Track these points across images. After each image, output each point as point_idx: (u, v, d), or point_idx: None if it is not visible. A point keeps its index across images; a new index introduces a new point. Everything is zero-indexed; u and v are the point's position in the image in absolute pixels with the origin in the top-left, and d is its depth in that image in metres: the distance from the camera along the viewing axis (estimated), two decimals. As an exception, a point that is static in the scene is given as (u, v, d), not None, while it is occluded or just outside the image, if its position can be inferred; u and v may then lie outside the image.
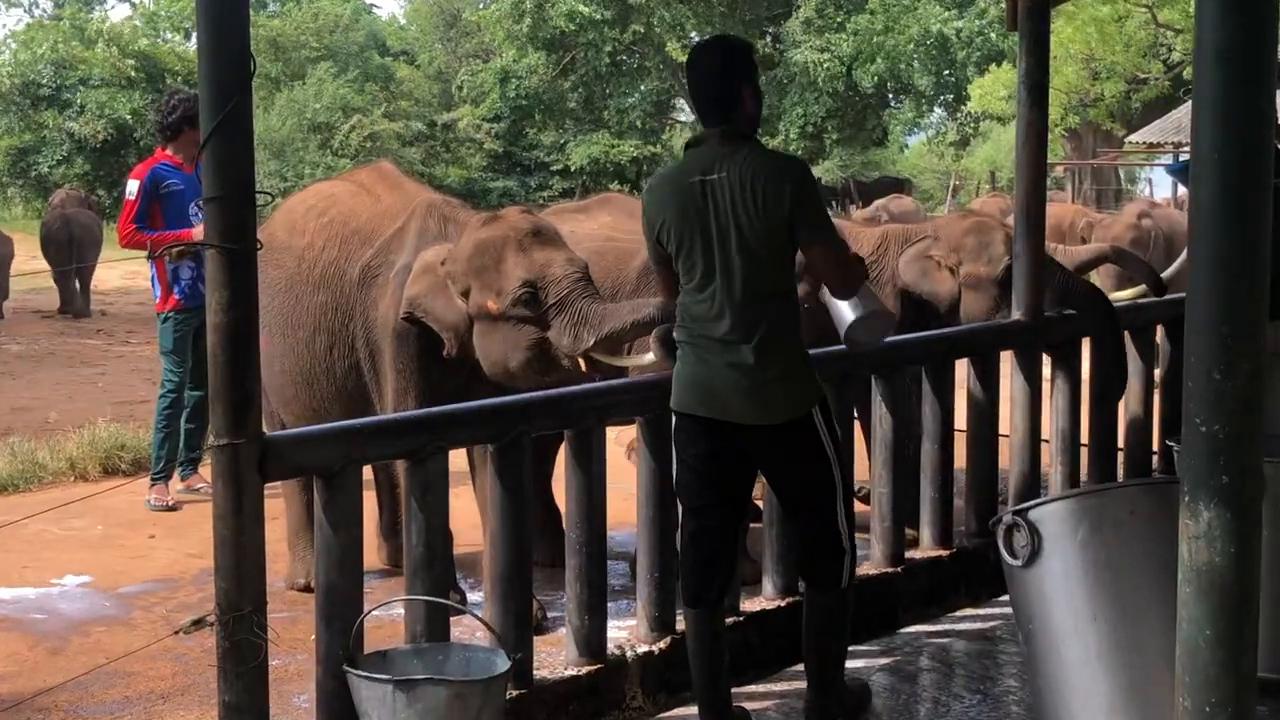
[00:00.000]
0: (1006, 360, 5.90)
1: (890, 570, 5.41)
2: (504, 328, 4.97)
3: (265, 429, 3.62)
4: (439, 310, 5.06)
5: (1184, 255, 7.38)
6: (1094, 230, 12.26)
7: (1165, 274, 7.11)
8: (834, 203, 32.03)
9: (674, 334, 4.20)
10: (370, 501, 4.81)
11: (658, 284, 4.44)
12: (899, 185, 32.39)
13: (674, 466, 4.30)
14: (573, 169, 34.63)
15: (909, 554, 5.54)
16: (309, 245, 5.60)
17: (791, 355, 4.09)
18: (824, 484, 4.16)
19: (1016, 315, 5.84)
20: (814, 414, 4.12)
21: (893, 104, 37.33)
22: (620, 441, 6.62)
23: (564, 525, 4.65)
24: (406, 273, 5.16)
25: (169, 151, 7.36)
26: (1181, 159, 23.65)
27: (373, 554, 5.64)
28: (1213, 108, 2.65)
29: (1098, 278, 10.24)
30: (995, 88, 28.96)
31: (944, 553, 5.62)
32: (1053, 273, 5.99)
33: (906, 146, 48.58)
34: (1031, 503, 4.08)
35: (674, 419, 4.22)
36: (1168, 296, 6.58)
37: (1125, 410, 6.38)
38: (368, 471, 4.56)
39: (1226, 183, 2.65)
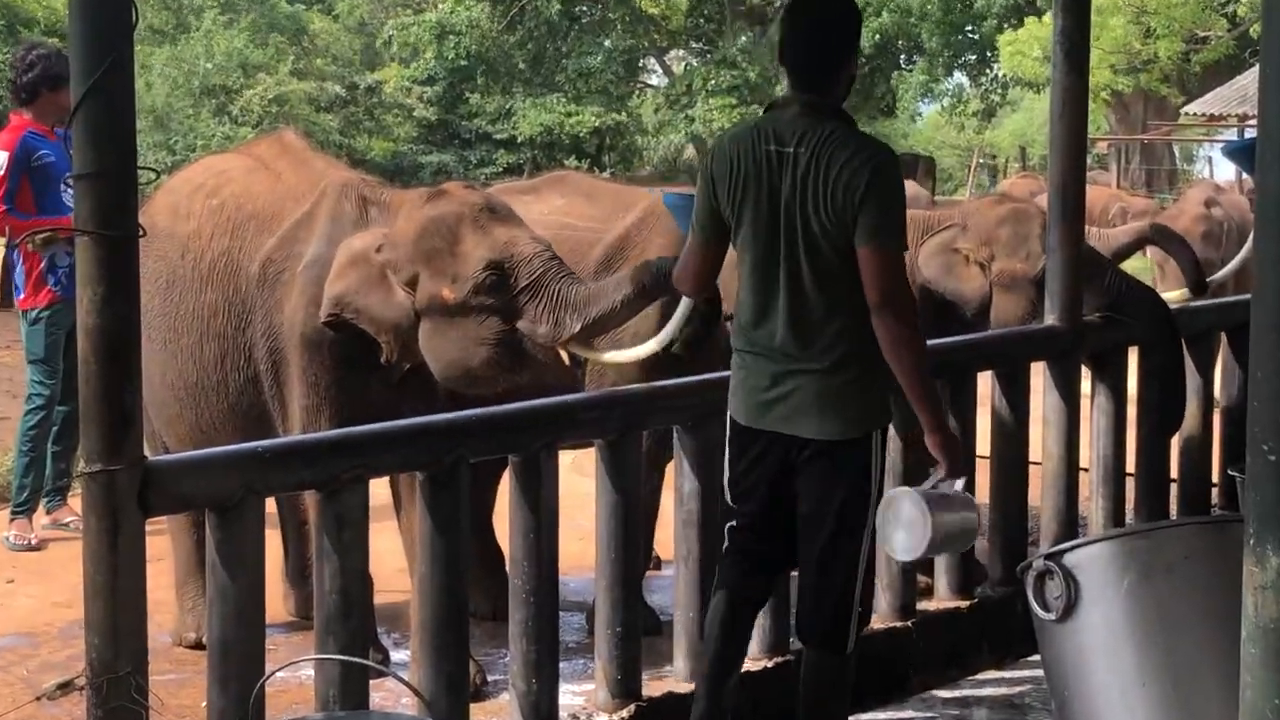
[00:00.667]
0: (1038, 373, 5.93)
1: (899, 624, 5.43)
2: (463, 321, 4.96)
3: (147, 453, 3.61)
4: (376, 307, 5.04)
5: (1244, 250, 7.44)
6: (1142, 219, 12.31)
7: (1221, 273, 7.14)
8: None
9: (732, 342, 4.26)
10: (274, 540, 4.79)
11: (685, 274, 4.42)
12: (917, 164, 32.41)
13: (724, 484, 4.33)
14: (520, 141, 34.53)
15: (921, 605, 5.56)
16: (195, 232, 5.57)
17: (864, 363, 4.13)
18: (855, 530, 4.18)
19: (1050, 320, 5.86)
20: (874, 437, 4.17)
21: (903, 66, 37.41)
22: (578, 468, 6.62)
23: (508, 569, 4.64)
24: (318, 267, 5.14)
25: (28, 116, 7.34)
26: (1248, 135, 23.78)
27: (277, 603, 5.62)
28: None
29: (1154, 277, 10.30)
30: (1029, 46, 28.90)
31: (963, 604, 5.64)
32: (1101, 268, 6.01)
33: (919, 117, 48.75)
34: (1067, 544, 4.10)
35: (728, 430, 4.29)
36: (1234, 298, 6.61)
37: (1179, 434, 6.41)
38: (270, 505, 4.54)
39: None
